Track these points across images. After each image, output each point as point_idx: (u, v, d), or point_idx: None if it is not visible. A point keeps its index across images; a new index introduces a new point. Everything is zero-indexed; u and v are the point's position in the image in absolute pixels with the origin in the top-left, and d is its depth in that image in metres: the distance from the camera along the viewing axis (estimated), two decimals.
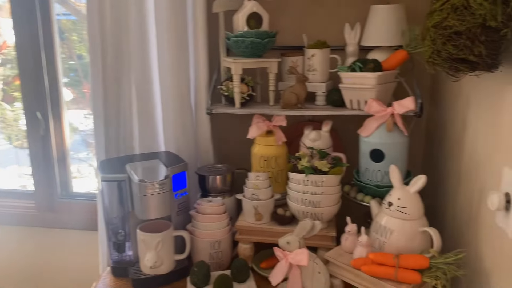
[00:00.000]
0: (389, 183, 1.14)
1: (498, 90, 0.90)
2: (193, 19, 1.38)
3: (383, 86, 1.22)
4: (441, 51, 0.89)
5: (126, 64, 1.42)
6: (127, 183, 1.19)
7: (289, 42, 1.46)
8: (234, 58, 1.29)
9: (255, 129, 1.31)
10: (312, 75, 1.36)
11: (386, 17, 1.27)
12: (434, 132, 1.38)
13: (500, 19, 0.78)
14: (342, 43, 1.38)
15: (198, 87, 1.42)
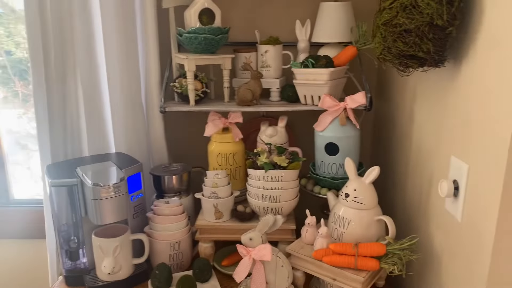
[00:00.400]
0: (344, 175, 1.19)
1: (443, 85, 0.96)
2: (142, 15, 1.33)
3: (335, 82, 1.26)
4: (391, 48, 0.93)
5: (71, 61, 1.34)
6: (78, 187, 1.13)
7: (241, 38, 1.46)
8: (187, 55, 1.27)
9: (212, 126, 1.29)
10: (266, 71, 1.37)
11: (335, 14, 1.31)
12: (382, 124, 1.45)
13: (446, 18, 0.83)
14: (293, 39, 1.40)
15: (149, 84, 1.38)
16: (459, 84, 0.89)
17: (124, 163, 1.25)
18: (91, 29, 1.31)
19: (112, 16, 1.28)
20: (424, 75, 1.04)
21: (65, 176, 1.16)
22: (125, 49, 1.32)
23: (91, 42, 1.32)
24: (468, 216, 0.85)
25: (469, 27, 0.85)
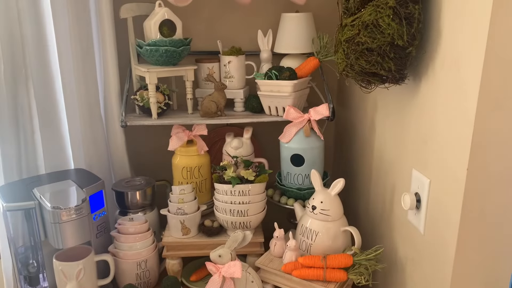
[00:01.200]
0: (310, 186, 1.20)
1: (404, 100, 1.00)
2: (98, 24, 1.28)
3: (298, 93, 1.27)
4: (354, 65, 0.95)
5: (22, 72, 1.26)
6: (36, 210, 1.08)
7: (203, 47, 1.44)
8: (148, 67, 1.23)
9: (175, 140, 1.27)
10: (229, 82, 1.36)
11: (296, 25, 1.32)
12: (344, 131, 1.48)
13: (406, 39, 0.86)
14: (256, 48, 1.40)
15: (108, 96, 1.33)
16: (419, 101, 0.93)
17: (84, 180, 1.20)
18: (43, 39, 1.24)
19: (66, 25, 1.22)
20: (385, 89, 1.07)
21: (21, 198, 1.09)
22: (81, 60, 1.26)
23: (44, 53, 1.25)
24: (430, 228, 0.89)
25: (427, 47, 0.88)
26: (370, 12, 0.89)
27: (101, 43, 1.29)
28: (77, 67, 1.26)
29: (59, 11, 1.20)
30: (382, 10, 0.86)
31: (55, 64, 1.27)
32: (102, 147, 1.36)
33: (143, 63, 1.32)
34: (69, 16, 1.20)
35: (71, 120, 1.30)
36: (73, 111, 1.29)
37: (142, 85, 1.33)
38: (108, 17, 1.26)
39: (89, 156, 1.33)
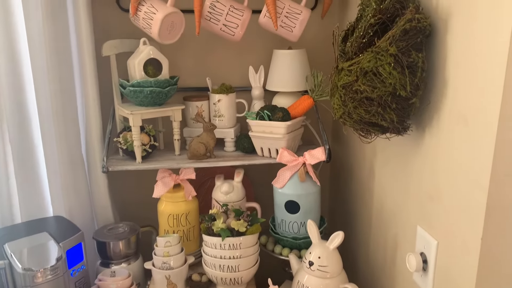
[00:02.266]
0: (306, 235, 1.12)
1: (407, 150, 0.93)
2: (79, 60, 1.20)
3: (292, 134, 1.20)
4: (352, 113, 0.88)
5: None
6: (6, 270, 0.98)
7: (192, 83, 1.37)
8: (132, 109, 1.16)
9: (161, 186, 1.19)
10: (219, 121, 1.29)
11: (288, 62, 1.26)
12: (340, 172, 1.40)
13: (409, 89, 0.79)
14: (247, 83, 1.34)
15: (90, 138, 1.25)
16: (423, 153, 0.85)
17: (62, 232, 1.10)
18: (19, 78, 1.16)
19: (44, 63, 1.13)
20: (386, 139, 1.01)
21: None
22: (60, 100, 1.18)
23: (19, 93, 1.17)
24: None
25: (432, 97, 0.81)
26: (369, 58, 0.82)
27: (82, 82, 1.22)
28: (56, 107, 1.17)
29: (36, 49, 1.12)
30: (382, 57, 0.80)
31: (32, 104, 1.19)
32: (83, 192, 1.27)
33: (128, 102, 1.25)
34: (47, 53, 1.12)
35: (49, 164, 1.21)
36: (52, 154, 1.21)
37: (126, 126, 1.25)
38: (90, 55, 1.19)
39: (69, 202, 1.24)
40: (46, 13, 1.09)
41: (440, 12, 0.78)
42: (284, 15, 1.18)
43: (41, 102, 1.17)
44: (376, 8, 0.84)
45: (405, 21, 0.78)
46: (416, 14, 0.79)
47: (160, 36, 1.14)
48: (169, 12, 1.12)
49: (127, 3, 1.17)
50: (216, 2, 1.16)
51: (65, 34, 1.16)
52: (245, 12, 1.18)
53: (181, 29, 1.18)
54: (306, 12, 1.19)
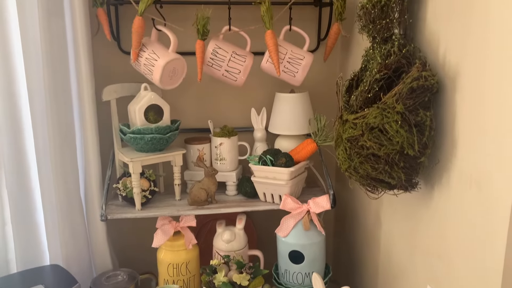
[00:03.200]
0: (311, 285, 1.08)
1: (415, 205, 0.90)
2: (79, 106, 1.19)
3: (295, 180, 1.17)
4: (358, 168, 0.86)
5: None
6: None
7: (193, 125, 1.35)
8: (132, 156, 1.13)
9: (161, 235, 1.15)
10: (220, 164, 1.26)
11: (291, 106, 1.24)
12: (345, 217, 1.37)
13: (417, 148, 0.77)
14: (250, 124, 1.32)
15: (89, 185, 1.22)
16: (432, 212, 0.83)
17: (58, 282, 1.07)
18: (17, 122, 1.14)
19: (43, 107, 1.12)
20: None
21: None
22: (59, 145, 1.15)
23: (18, 138, 1.15)
24: None
25: (441, 156, 0.79)
26: (375, 114, 0.80)
27: (82, 126, 1.20)
28: (55, 152, 1.15)
29: (35, 92, 1.11)
30: (389, 114, 0.78)
31: (30, 149, 1.17)
32: (81, 238, 1.23)
33: (128, 145, 1.22)
34: (47, 96, 1.11)
35: (47, 210, 1.18)
36: (50, 199, 1.18)
37: (125, 171, 1.23)
38: (90, 99, 1.17)
39: (66, 248, 1.21)
40: (46, 55, 1.08)
41: (447, 69, 0.77)
42: (286, 61, 1.17)
43: (40, 146, 1.15)
44: (382, 63, 0.83)
45: (411, 79, 0.76)
46: (423, 71, 0.77)
47: (162, 82, 1.12)
48: (171, 59, 1.10)
49: (129, 45, 1.17)
50: (218, 48, 1.15)
51: (65, 77, 1.15)
52: (247, 58, 1.17)
53: (182, 74, 1.17)
54: (308, 57, 1.18)
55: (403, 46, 0.83)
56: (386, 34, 0.86)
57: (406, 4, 0.85)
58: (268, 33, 1.13)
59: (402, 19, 0.86)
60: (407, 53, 0.82)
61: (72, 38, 1.15)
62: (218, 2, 1.17)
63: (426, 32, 0.84)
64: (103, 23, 1.16)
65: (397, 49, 0.82)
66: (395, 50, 0.82)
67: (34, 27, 1.08)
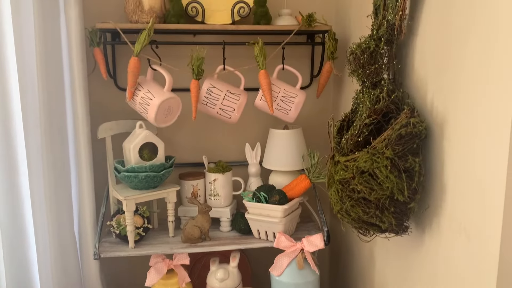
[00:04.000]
0: None
1: (406, 247, 0.90)
2: (75, 142, 1.20)
3: (289, 216, 1.18)
4: (350, 211, 0.86)
5: None
6: None
7: (188, 159, 1.36)
8: (126, 194, 1.13)
9: (154, 274, 1.14)
10: (215, 200, 1.26)
11: (285, 142, 1.25)
12: (339, 254, 1.36)
13: (407, 194, 0.77)
14: (244, 158, 1.33)
15: (83, 221, 1.22)
16: (423, 256, 0.83)
17: None
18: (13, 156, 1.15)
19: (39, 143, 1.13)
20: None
21: None
22: (54, 181, 1.15)
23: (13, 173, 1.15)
24: None
25: (431, 201, 0.80)
26: (365, 159, 0.81)
27: (77, 163, 1.21)
28: (49, 189, 1.15)
29: (31, 129, 1.12)
30: (379, 159, 0.79)
31: (24, 185, 1.17)
32: (74, 277, 1.22)
33: (122, 183, 1.23)
34: (43, 134, 1.12)
35: (40, 247, 1.18)
36: (43, 237, 1.17)
37: (119, 208, 1.23)
38: (85, 136, 1.18)
39: (59, 286, 1.20)
40: (43, 94, 1.10)
41: (435, 116, 0.78)
42: (280, 99, 1.19)
43: (34, 183, 1.15)
44: (371, 108, 0.84)
45: (400, 125, 0.78)
46: (411, 117, 0.78)
47: (157, 121, 1.14)
48: (165, 98, 1.12)
49: (125, 82, 1.18)
50: (212, 87, 1.17)
51: (62, 116, 1.17)
52: (241, 96, 1.18)
53: (177, 112, 1.19)
54: (301, 95, 1.20)
55: (392, 92, 0.84)
56: (375, 79, 0.88)
57: (394, 50, 0.87)
58: (261, 73, 1.15)
59: (390, 64, 0.88)
60: (395, 98, 0.83)
61: (69, 77, 1.17)
62: (213, 42, 1.20)
63: (414, 77, 0.86)
64: (99, 62, 1.18)
65: (386, 95, 0.83)
66: (384, 95, 0.83)
67: (31, 65, 1.10)
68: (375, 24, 0.90)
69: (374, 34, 0.88)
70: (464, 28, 0.68)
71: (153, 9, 1.15)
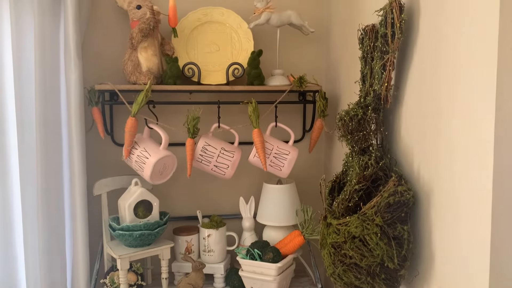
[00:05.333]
0: None
1: None
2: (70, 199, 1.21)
3: (283, 274, 1.18)
4: (342, 276, 0.87)
5: None
6: None
7: (182, 212, 1.38)
8: (120, 253, 1.14)
9: None
10: (208, 256, 1.27)
11: (278, 196, 1.27)
12: None
13: (397, 262, 0.79)
14: (238, 211, 1.34)
15: (76, 278, 1.21)
16: None
17: None
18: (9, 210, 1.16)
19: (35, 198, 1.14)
20: None
21: None
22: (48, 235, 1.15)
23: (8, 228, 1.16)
24: None
25: (420, 268, 0.81)
26: (356, 224, 0.83)
27: (72, 219, 1.21)
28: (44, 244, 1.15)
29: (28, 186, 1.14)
30: (369, 226, 0.81)
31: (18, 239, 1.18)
32: None
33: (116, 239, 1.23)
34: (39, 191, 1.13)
35: None
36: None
37: (113, 265, 1.22)
38: (81, 192, 1.20)
39: None
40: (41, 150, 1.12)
41: (422, 184, 0.81)
42: (273, 156, 1.22)
43: (28, 239, 1.16)
44: (360, 174, 0.87)
45: (388, 193, 0.80)
46: (399, 185, 0.81)
47: (152, 179, 1.16)
48: (161, 157, 1.15)
49: (122, 137, 1.21)
50: (207, 145, 1.20)
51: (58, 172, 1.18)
52: (236, 153, 1.21)
53: (173, 169, 1.21)
54: (294, 152, 1.23)
55: (380, 159, 0.88)
56: (364, 144, 0.91)
57: (381, 117, 0.91)
58: (255, 131, 1.19)
59: (378, 130, 0.92)
60: (383, 165, 0.87)
61: (67, 134, 1.20)
62: (208, 102, 1.24)
63: (401, 144, 0.89)
64: (97, 122, 1.22)
65: (374, 162, 0.87)
66: (373, 162, 0.86)
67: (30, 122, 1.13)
68: (363, 91, 0.95)
69: (361, 102, 0.93)
70: (444, 101, 0.72)
71: (150, 71, 1.20)
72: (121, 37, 1.27)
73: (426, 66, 0.79)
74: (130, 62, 1.19)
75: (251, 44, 1.28)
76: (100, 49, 1.29)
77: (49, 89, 1.14)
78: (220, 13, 1.29)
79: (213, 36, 1.29)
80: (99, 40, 1.28)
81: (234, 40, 1.30)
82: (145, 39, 1.18)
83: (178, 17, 1.24)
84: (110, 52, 1.28)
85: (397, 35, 0.82)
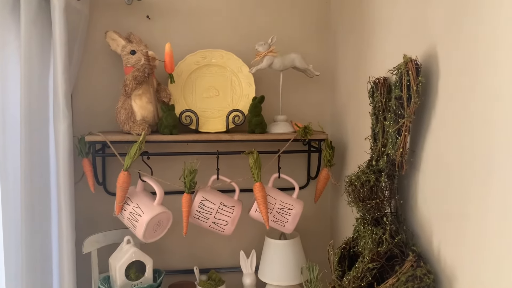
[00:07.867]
0: None
1: None
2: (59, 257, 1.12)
3: None
4: None
5: None
6: None
7: (179, 265, 1.29)
8: None
9: None
10: None
11: (281, 253, 1.18)
12: None
13: None
14: (238, 264, 1.24)
15: None
16: None
17: None
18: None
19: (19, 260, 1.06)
20: None
21: None
22: None
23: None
24: None
25: None
26: None
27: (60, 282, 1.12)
28: None
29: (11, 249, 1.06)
30: None
31: None
32: None
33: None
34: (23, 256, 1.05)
35: None
36: None
37: None
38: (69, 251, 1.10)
39: None
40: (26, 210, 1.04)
41: (443, 266, 0.72)
42: (276, 211, 1.14)
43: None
44: (373, 250, 0.79)
45: (405, 277, 0.72)
46: (418, 268, 0.72)
47: (145, 237, 1.07)
48: (155, 214, 1.06)
49: (114, 186, 1.13)
50: (205, 201, 1.11)
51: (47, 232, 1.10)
52: (236, 208, 1.13)
53: (168, 225, 1.13)
54: (299, 206, 1.15)
55: (396, 233, 0.79)
56: (377, 214, 0.83)
57: (396, 184, 0.83)
58: (256, 185, 1.11)
59: (392, 199, 0.83)
60: (399, 241, 0.78)
61: (55, 188, 1.12)
62: (207, 152, 1.17)
63: (418, 214, 0.81)
64: (87, 174, 1.14)
65: (389, 237, 0.78)
66: (387, 237, 0.78)
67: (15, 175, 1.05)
68: (374, 150, 0.87)
69: (373, 165, 0.85)
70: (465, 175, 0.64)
71: (145, 119, 1.13)
72: (115, 82, 1.20)
73: (446, 133, 0.71)
74: (123, 110, 1.12)
75: (253, 89, 1.21)
76: (92, 95, 1.21)
77: (36, 142, 1.07)
78: (220, 56, 1.22)
79: (212, 80, 1.22)
80: (92, 85, 1.21)
81: (234, 84, 1.22)
82: (140, 86, 1.11)
83: (175, 60, 1.17)
84: (103, 98, 1.21)
85: (414, 99, 0.74)
